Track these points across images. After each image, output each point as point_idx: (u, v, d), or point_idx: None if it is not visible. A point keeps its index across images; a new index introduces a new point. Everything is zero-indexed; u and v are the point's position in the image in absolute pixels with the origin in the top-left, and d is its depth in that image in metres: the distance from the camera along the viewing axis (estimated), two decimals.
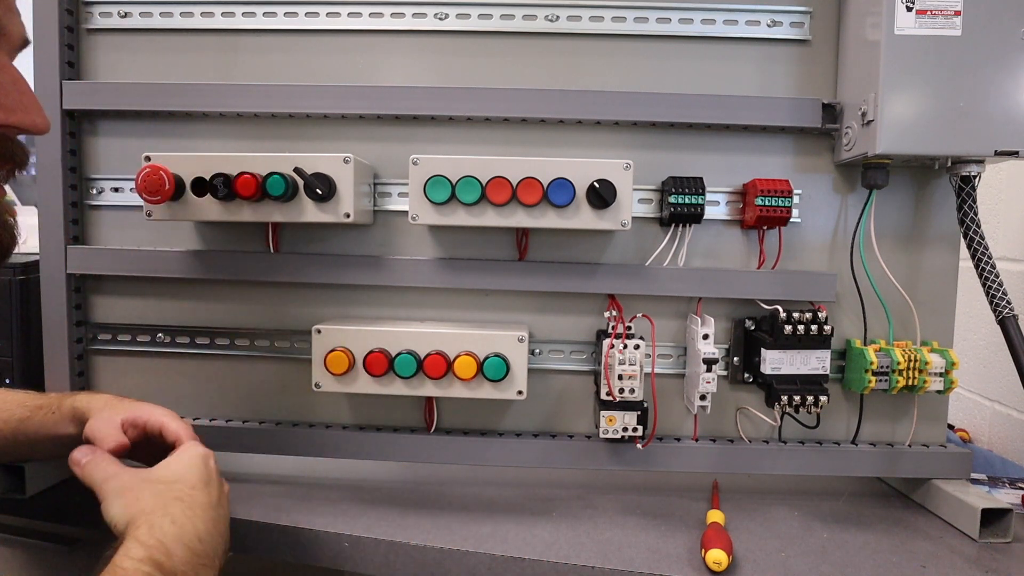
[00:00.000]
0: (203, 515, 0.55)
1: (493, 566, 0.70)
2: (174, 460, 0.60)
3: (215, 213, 0.78)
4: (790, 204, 0.78)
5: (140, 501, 0.54)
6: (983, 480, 0.91)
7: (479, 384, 0.78)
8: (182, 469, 0.58)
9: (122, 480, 0.56)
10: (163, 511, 0.53)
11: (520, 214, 0.76)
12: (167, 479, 0.57)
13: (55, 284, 0.87)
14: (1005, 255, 1.11)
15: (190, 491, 0.56)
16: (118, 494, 0.54)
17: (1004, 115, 0.71)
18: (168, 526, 0.52)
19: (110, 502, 0.54)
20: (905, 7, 0.71)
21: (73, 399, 0.72)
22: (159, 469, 0.58)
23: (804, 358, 0.79)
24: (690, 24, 0.83)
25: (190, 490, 0.56)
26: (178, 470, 0.58)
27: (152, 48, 0.87)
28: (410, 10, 0.84)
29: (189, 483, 0.57)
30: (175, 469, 0.58)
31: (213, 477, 0.60)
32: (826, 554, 0.72)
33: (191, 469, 0.59)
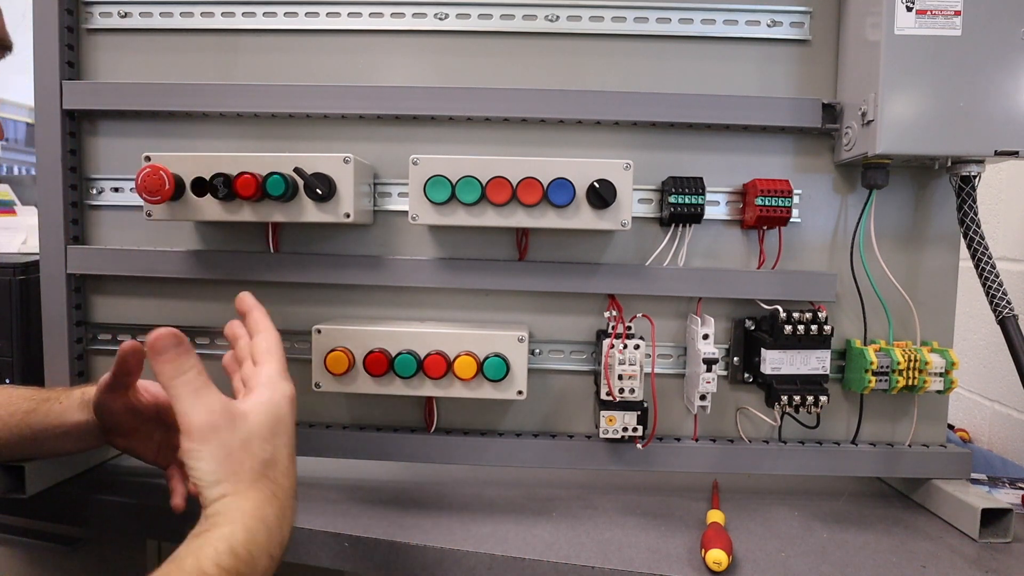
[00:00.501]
0: (289, 517, 0.52)
1: (493, 566, 0.70)
2: (267, 410, 0.53)
3: (215, 213, 0.78)
4: (790, 204, 0.78)
5: (241, 481, 0.49)
6: (983, 480, 0.91)
7: (479, 384, 0.78)
8: (279, 434, 0.53)
9: (222, 433, 0.50)
10: (260, 516, 0.49)
11: (520, 214, 0.76)
12: (267, 455, 0.51)
13: (55, 284, 0.87)
14: (1005, 255, 1.11)
15: (284, 480, 0.52)
16: (216, 450, 0.49)
17: (1004, 115, 0.71)
18: (262, 536, 0.48)
19: (200, 450, 0.49)
20: (905, 7, 0.71)
21: (82, 388, 0.73)
22: (256, 426, 0.52)
23: (804, 358, 0.79)
24: (690, 24, 0.83)
25: (284, 478, 0.52)
26: (275, 435, 0.52)
27: (152, 48, 0.87)
28: (410, 10, 0.85)
29: (283, 467, 0.52)
30: (270, 431, 0.52)
31: (294, 442, 0.54)
32: (826, 554, 0.72)
33: (284, 430, 0.53)
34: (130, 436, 0.72)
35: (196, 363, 0.52)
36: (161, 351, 0.50)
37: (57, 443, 0.73)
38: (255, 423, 0.52)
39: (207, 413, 0.50)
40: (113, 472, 0.89)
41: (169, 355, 0.50)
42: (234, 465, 0.49)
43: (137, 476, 0.86)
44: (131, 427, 0.72)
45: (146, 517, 0.79)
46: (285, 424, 0.54)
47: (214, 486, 0.49)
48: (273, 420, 0.53)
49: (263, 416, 0.53)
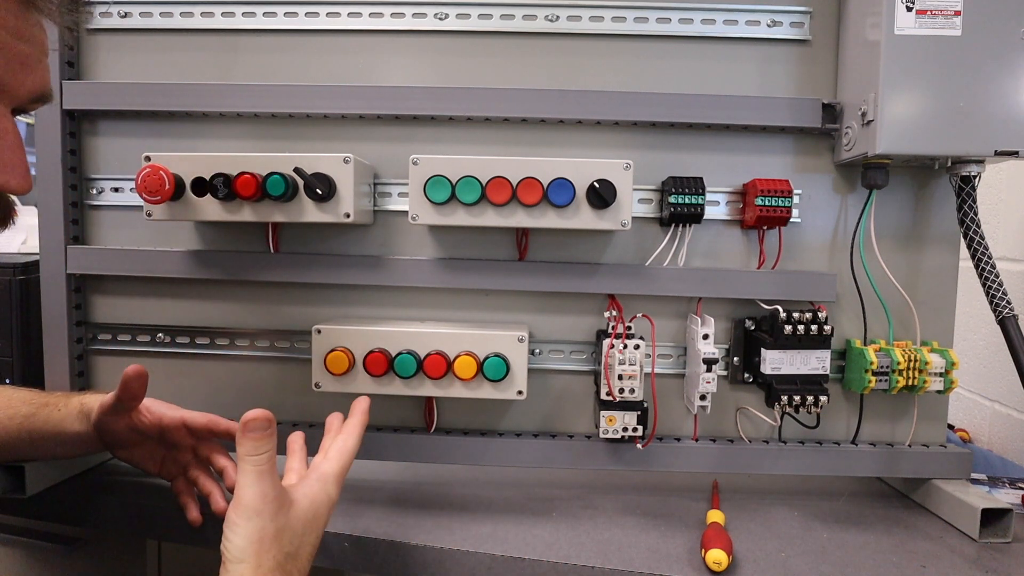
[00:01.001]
0: None
1: (493, 566, 0.70)
2: (308, 506, 0.57)
3: (215, 213, 0.78)
4: (790, 204, 0.78)
5: (261, 566, 0.52)
6: (983, 480, 0.91)
7: (479, 384, 0.78)
8: (309, 532, 0.56)
9: (264, 519, 0.53)
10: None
11: (520, 214, 0.76)
12: (292, 549, 0.54)
13: (55, 284, 0.87)
14: (1005, 255, 1.11)
15: (298, 574, 0.55)
16: (253, 531, 0.53)
17: (1004, 115, 0.71)
18: None
19: (241, 526, 0.53)
20: (905, 7, 0.71)
21: (81, 397, 0.74)
22: (294, 520, 0.55)
23: (804, 358, 0.79)
24: (690, 24, 0.83)
25: (299, 573, 0.55)
26: (305, 532, 0.56)
27: (152, 48, 0.87)
28: (410, 10, 0.85)
29: (303, 561, 0.55)
30: (303, 527, 0.56)
31: (318, 543, 0.58)
32: (826, 554, 0.72)
33: (315, 530, 0.57)
34: (132, 449, 0.73)
35: (273, 448, 0.55)
36: (252, 429, 0.54)
37: (55, 449, 0.73)
38: (295, 516, 0.55)
39: (261, 497, 0.53)
40: (113, 472, 0.89)
41: (257, 435, 0.54)
42: (262, 549, 0.52)
43: (137, 476, 0.86)
44: (133, 442, 0.73)
45: (146, 517, 0.79)
46: (319, 524, 0.57)
47: (238, 563, 0.52)
48: (311, 519, 0.56)
49: (304, 511, 0.56)
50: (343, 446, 0.62)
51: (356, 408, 0.65)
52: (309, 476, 0.59)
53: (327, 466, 0.60)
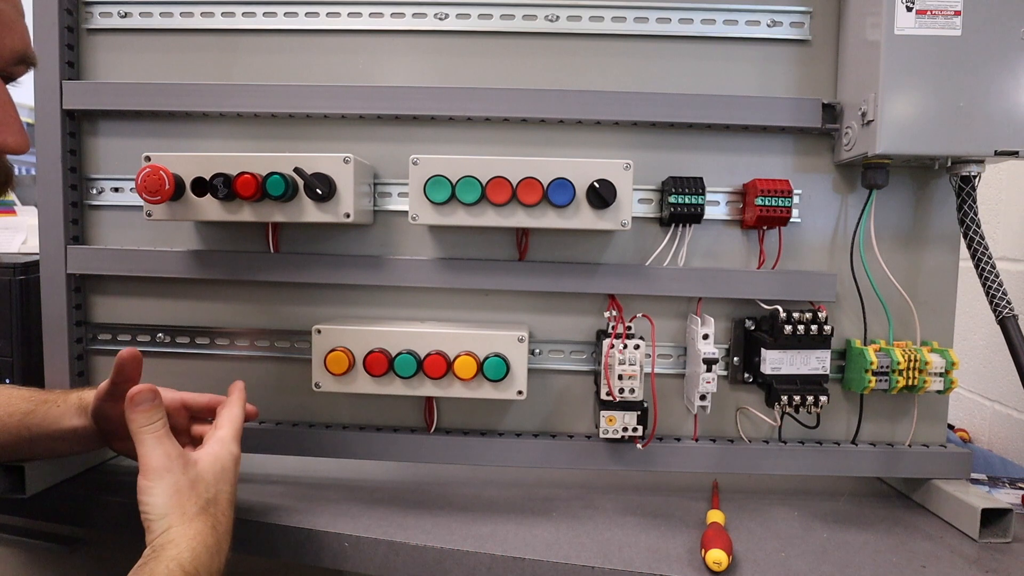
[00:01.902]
0: (225, 550, 0.58)
1: (493, 566, 0.70)
2: (213, 460, 0.61)
3: (215, 213, 0.78)
4: (790, 204, 0.78)
5: (186, 513, 0.56)
6: (983, 480, 0.91)
7: (479, 384, 0.78)
8: (222, 481, 0.61)
9: (175, 474, 0.57)
10: (203, 541, 0.56)
11: (520, 214, 0.76)
12: (210, 495, 0.59)
13: (55, 284, 0.87)
14: (1005, 255, 1.11)
15: (223, 517, 0.59)
16: (167, 487, 0.57)
17: (1004, 115, 0.71)
18: (204, 557, 0.55)
19: (154, 486, 0.56)
20: (905, 7, 0.71)
21: (79, 392, 0.74)
22: (203, 471, 0.60)
23: (804, 358, 0.79)
24: (690, 24, 0.83)
25: (223, 516, 0.59)
26: (218, 481, 0.60)
27: (152, 48, 0.87)
28: (410, 10, 0.85)
29: (223, 507, 0.60)
30: (214, 477, 0.60)
31: (234, 494, 0.63)
32: (826, 554, 0.72)
33: (227, 480, 0.62)
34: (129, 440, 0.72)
35: (164, 417, 0.60)
36: (139, 403, 0.59)
37: (54, 445, 0.73)
38: (203, 468, 0.60)
39: (165, 457, 0.58)
40: (113, 472, 0.89)
41: (145, 407, 0.59)
42: (181, 500, 0.57)
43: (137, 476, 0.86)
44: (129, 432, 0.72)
45: None
46: (228, 475, 0.62)
47: (161, 519, 0.56)
48: (219, 469, 0.61)
49: (210, 465, 0.61)
50: (230, 414, 0.67)
51: (233, 389, 0.71)
52: (206, 442, 0.64)
53: (221, 432, 0.65)
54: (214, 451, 0.63)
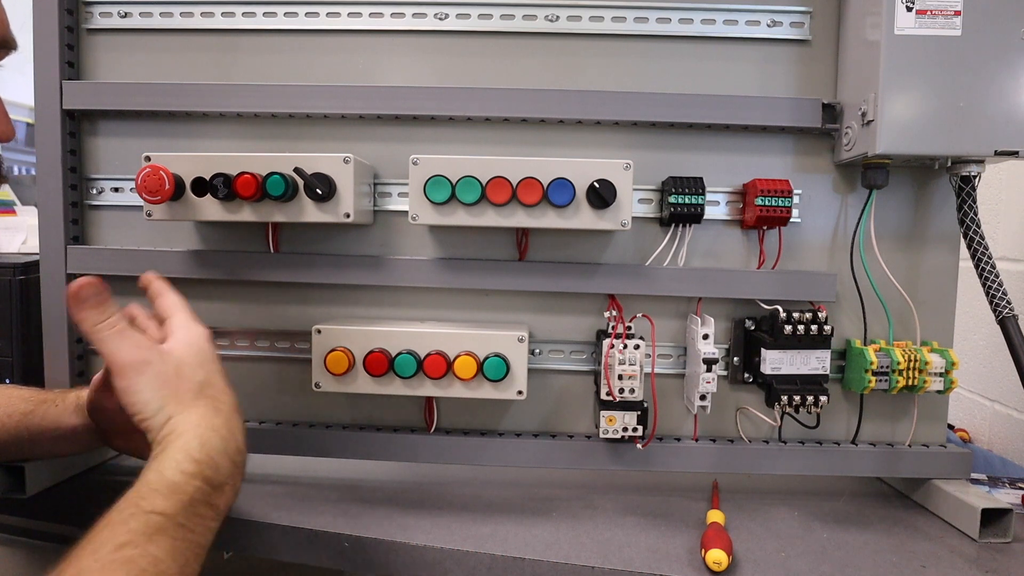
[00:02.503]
0: (237, 424, 0.54)
1: (493, 566, 0.70)
2: (187, 345, 0.56)
3: (215, 213, 0.78)
4: (790, 204, 0.78)
5: (182, 400, 0.52)
6: (983, 480, 0.91)
7: (479, 384, 0.78)
8: (207, 362, 0.56)
9: (154, 363, 0.53)
10: (208, 424, 0.52)
11: (520, 214, 0.76)
12: (200, 378, 0.55)
13: (55, 284, 0.87)
14: (1005, 255, 1.11)
15: (223, 396, 0.55)
16: (152, 379, 0.52)
17: (1004, 115, 0.71)
18: (216, 441, 0.51)
19: (136, 382, 0.52)
20: (905, 7, 0.71)
21: (77, 391, 0.73)
22: (183, 357, 0.55)
23: (804, 358, 0.79)
24: (690, 24, 0.83)
25: (222, 395, 0.55)
26: (202, 363, 0.56)
27: (152, 48, 0.87)
28: (410, 10, 0.85)
29: (218, 386, 0.56)
30: (196, 360, 0.56)
31: (223, 371, 0.58)
32: (826, 554, 0.72)
33: (210, 359, 0.57)
34: (128, 436, 0.72)
35: (116, 309, 0.54)
36: (84, 299, 0.52)
37: (53, 446, 0.73)
38: (181, 354, 0.55)
39: (135, 348, 0.53)
40: (113, 472, 0.89)
41: (91, 302, 0.53)
42: (172, 389, 0.52)
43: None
44: (128, 427, 0.72)
45: None
46: (209, 355, 0.57)
47: (158, 412, 0.51)
48: (197, 352, 0.56)
49: (187, 350, 0.56)
50: (172, 300, 0.62)
51: (148, 279, 0.65)
52: (166, 334, 0.58)
53: (176, 319, 0.60)
54: (183, 337, 0.57)
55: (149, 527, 0.45)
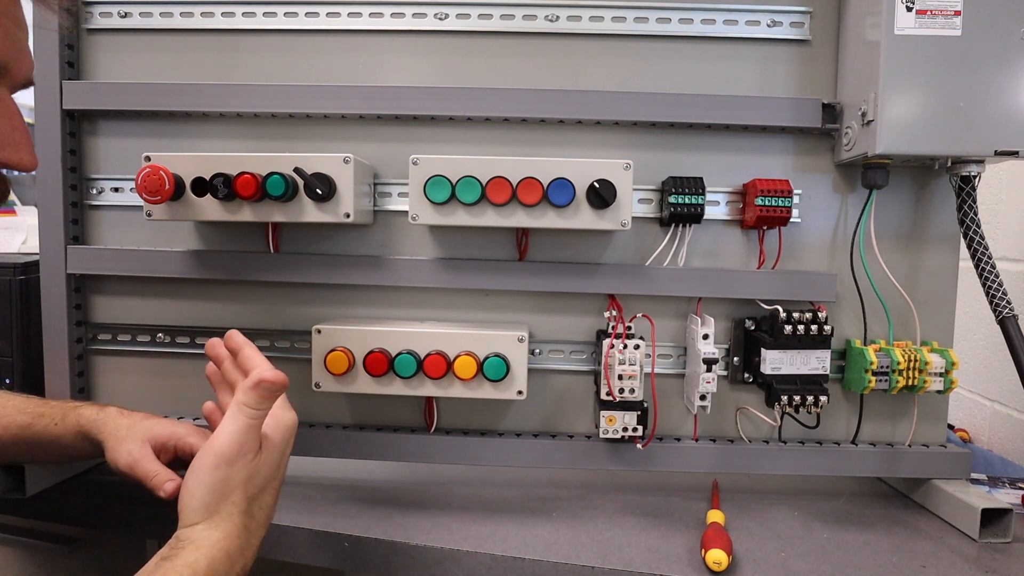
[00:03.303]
0: (254, 547, 0.56)
1: (493, 566, 0.70)
2: (283, 434, 0.58)
3: (215, 213, 0.78)
4: (790, 204, 0.78)
5: (221, 512, 0.53)
6: (983, 480, 0.91)
7: (479, 384, 0.78)
8: (278, 467, 0.58)
9: (236, 467, 0.54)
10: (225, 547, 0.52)
11: (520, 214, 0.76)
12: (257, 491, 0.56)
13: (55, 284, 0.87)
14: (1005, 255, 1.11)
15: (260, 515, 0.56)
16: (219, 485, 0.54)
17: (1004, 115, 0.71)
18: (223, 566, 0.52)
19: (209, 475, 0.54)
20: (905, 7, 0.71)
21: (78, 414, 0.71)
22: (264, 459, 0.56)
23: (804, 358, 0.79)
24: (690, 24, 0.83)
25: (261, 514, 0.56)
26: (274, 468, 0.58)
27: (152, 48, 0.87)
28: (410, 10, 0.84)
29: (266, 502, 0.57)
30: (274, 464, 0.57)
31: (285, 471, 0.60)
32: (826, 554, 0.72)
33: (283, 465, 0.59)
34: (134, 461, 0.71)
35: (269, 409, 0.56)
36: (267, 389, 0.54)
37: (52, 458, 0.72)
38: (267, 452, 0.56)
39: (239, 446, 0.54)
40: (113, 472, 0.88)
41: (268, 394, 0.55)
42: (226, 495, 0.53)
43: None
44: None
45: (146, 517, 0.79)
46: (287, 452, 0.59)
47: (196, 512, 0.53)
48: (284, 445, 0.58)
49: (278, 441, 0.57)
50: (266, 369, 0.60)
51: (236, 343, 0.64)
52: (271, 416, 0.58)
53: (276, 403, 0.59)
54: (284, 418, 0.58)
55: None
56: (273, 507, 0.58)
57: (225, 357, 0.65)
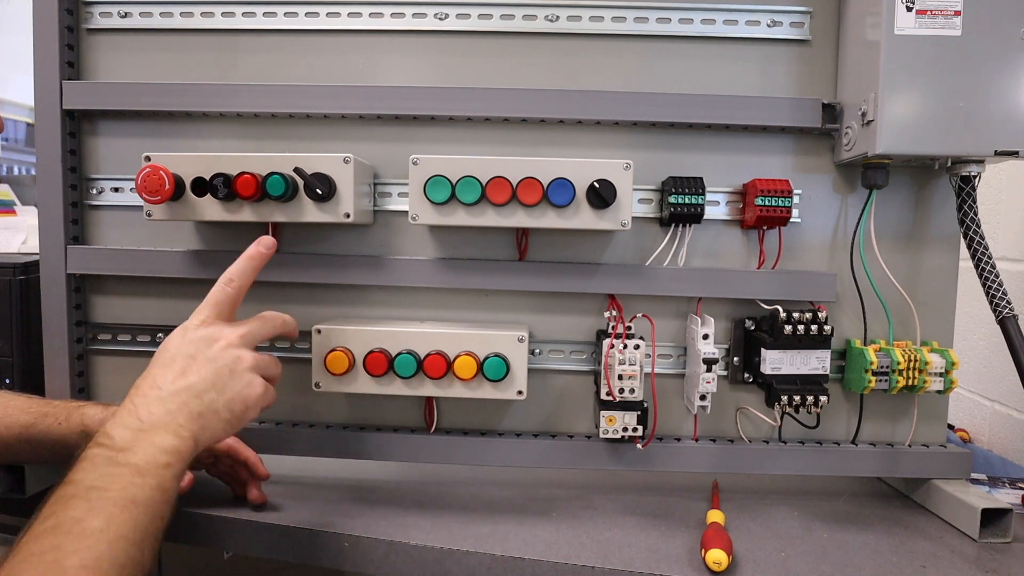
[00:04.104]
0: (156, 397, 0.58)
1: (493, 566, 0.70)
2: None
3: (215, 213, 0.78)
4: (790, 204, 0.78)
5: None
6: (983, 480, 0.91)
7: (479, 384, 0.78)
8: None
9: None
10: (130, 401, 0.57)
11: (520, 214, 0.76)
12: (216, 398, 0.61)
13: (55, 284, 0.87)
14: (1005, 255, 1.11)
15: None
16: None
17: (1004, 115, 0.71)
18: (122, 415, 0.56)
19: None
20: (905, 7, 0.71)
21: (81, 413, 0.72)
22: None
23: (804, 358, 0.79)
24: (690, 24, 0.83)
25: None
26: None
27: (152, 48, 0.87)
28: (410, 10, 0.85)
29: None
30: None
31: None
32: (826, 554, 0.72)
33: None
34: None
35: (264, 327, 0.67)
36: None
37: (55, 459, 0.72)
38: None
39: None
40: None
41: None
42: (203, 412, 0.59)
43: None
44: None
45: None
46: (201, 365, 0.62)
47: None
48: (194, 351, 0.63)
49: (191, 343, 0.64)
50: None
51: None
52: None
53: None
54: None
55: (64, 496, 0.48)
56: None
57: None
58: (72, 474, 0.49)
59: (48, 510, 0.46)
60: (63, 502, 0.47)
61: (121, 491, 0.48)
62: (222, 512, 0.77)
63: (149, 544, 0.48)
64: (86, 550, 0.44)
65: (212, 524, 0.76)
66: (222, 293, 0.66)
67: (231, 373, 0.61)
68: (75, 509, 0.46)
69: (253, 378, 0.63)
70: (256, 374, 0.63)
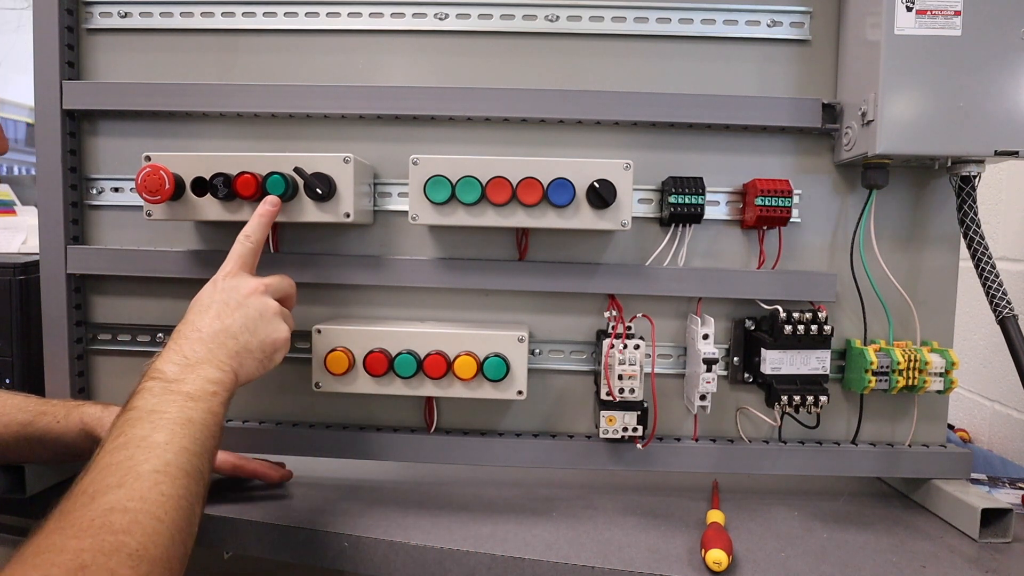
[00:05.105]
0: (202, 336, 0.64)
1: (493, 566, 0.70)
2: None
3: (215, 213, 0.78)
4: (790, 204, 0.78)
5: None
6: (983, 480, 0.91)
7: (479, 384, 0.78)
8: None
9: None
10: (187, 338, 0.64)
11: (520, 214, 0.76)
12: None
13: (55, 284, 0.87)
14: (1005, 255, 1.11)
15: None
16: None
17: (1004, 115, 0.71)
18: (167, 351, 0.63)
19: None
20: (905, 7, 0.71)
21: (80, 412, 0.72)
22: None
23: (804, 358, 0.79)
24: (690, 24, 0.83)
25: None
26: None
27: (152, 48, 0.87)
28: (410, 10, 0.85)
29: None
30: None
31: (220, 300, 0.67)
32: (826, 554, 0.72)
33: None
34: None
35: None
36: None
37: (53, 457, 0.73)
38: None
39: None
40: None
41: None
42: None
43: None
44: None
45: None
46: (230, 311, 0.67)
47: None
48: (225, 298, 0.68)
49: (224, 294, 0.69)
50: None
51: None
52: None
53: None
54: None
55: (130, 420, 0.54)
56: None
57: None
58: (132, 401, 0.56)
59: (116, 431, 0.53)
60: (129, 424, 0.53)
61: (179, 412, 0.55)
62: (222, 512, 0.77)
63: (207, 457, 0.55)
64: (156, 458, 0.50)
65: (212, 524, 0.76)
66: (243, 247, 0.71)
67: (260, 317, 0.66)
68: (141, 428, 0.53)
69: (280, 323, 0.68)
70: (281, 320, 0.68)
